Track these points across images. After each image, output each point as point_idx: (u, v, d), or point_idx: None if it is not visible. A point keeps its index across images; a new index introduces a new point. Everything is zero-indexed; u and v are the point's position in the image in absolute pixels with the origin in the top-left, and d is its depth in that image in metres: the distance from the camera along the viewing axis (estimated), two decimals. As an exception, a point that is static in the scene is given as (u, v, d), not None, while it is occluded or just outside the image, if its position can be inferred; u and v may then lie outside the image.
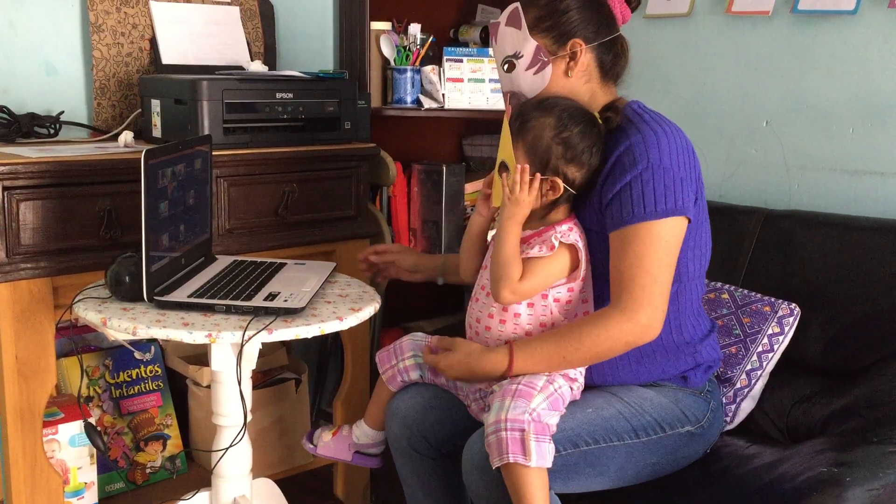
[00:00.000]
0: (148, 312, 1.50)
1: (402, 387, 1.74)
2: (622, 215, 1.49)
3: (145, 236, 1.48)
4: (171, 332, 1.42)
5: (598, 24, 1.59)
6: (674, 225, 1.49)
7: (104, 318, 1.48)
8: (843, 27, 2.07)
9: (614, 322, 1.48)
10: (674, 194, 1.48)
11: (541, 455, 1.40)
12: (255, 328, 1.43)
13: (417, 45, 2.55)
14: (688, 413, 1.60)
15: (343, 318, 1.53)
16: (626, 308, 1.47)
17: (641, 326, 1.47)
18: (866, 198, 2.07)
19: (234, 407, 1.59)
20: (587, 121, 1.53)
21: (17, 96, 2.09)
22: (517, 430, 1.41)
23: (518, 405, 1.44)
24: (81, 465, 1.93)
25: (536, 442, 1.40)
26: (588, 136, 1.52)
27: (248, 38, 2.36)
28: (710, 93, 2.35)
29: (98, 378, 2.09)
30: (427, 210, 2.61)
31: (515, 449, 1.40)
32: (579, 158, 1.52)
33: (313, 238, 2.11)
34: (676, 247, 1.51)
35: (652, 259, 1.47)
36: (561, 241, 1.51)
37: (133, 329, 1.44)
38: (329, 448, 1.79)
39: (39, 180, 1.69)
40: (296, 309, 1.50)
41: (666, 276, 1.49)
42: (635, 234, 1.48)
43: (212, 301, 1.51)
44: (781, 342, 1.87)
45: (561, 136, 1.51)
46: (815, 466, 1.53)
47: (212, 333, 1.42)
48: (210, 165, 1.78)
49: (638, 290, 1.47)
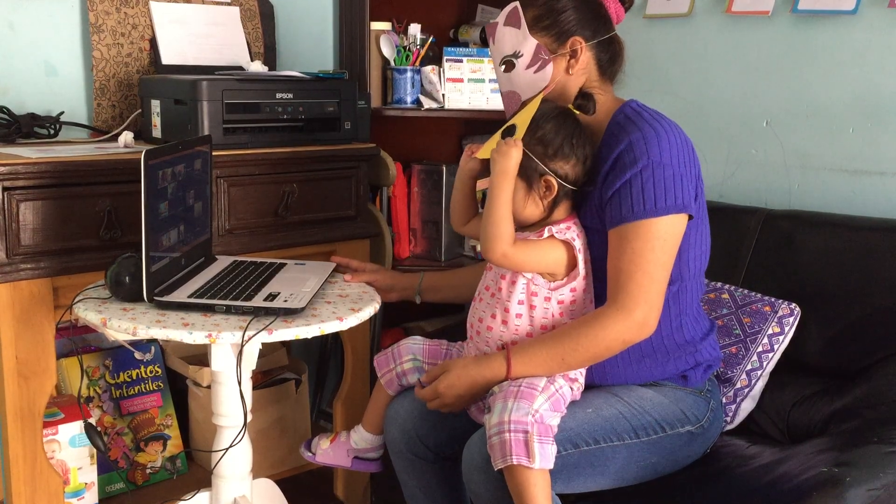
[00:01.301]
0: (148, 313, 1.50)
1: (400, 391, 1.73)
2: (621, 212, 1.49)
3: (145, 237, 1.48)
4: (171, 332, 1.42)
5: (595, 23, 1.60)
6: (674, 222, 1.49)
7: (104, 318, 1.48)
8: (843, 27, 2.07)
9: (611, 321, 1.47)
10: (674, 191, 1.48)
11: (544, 457, 1.40)
12: (255, 328, 1.43)
13: (417, 46, 2.55)
14: (688, 413, 1.60)
15: (343, 318, 1.53)
16: (623, 306, 1.47)
17: (637, 324, 1.47)
18: (866, 197, 2.07)
19: (234, 407, 1.59)
20: (558, 114, 1.53)
21: (17, 97, 2.09)
22: (521, 432, 1.40)
23: (521, 406, 1.43)
24: (82, 466, 1.93)
25: (540, 444, 1.40)
26: (563, 128, 1.52)
27: (247, 38, 2.36)
28: (710, 93, 2.35)
29: (98, 378, 2.09)
30: (427, 210, 2.61)
31: (519, 451, 1.39)
32: (562, 151, 1.51)
33: (313, 238, 2.10)
34: (675, 245, 1.51)
35: (650, 257, 1.47)
36: (553, 234, 1.51)
37: (133, 329, 1.44)
38: (328, 455, 1.79)
39: (39, 181, 1.69)
40: (296, 309, 1.50)
41: (663, 275, 1.49)
42: (634, 232, 1.48)
43: (212, 301, 1.51)
44: (781, 342, 1.87)
45: (535, 136, 1.51)
46: (815, 466, 1.53)
47: (212, 334, 1.42)
48: (210, 166, 1.78)
49: (634, 287, 1.46)
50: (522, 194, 1.53)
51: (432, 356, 1.70)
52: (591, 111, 1.54)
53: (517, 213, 1.53)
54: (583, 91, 1.57)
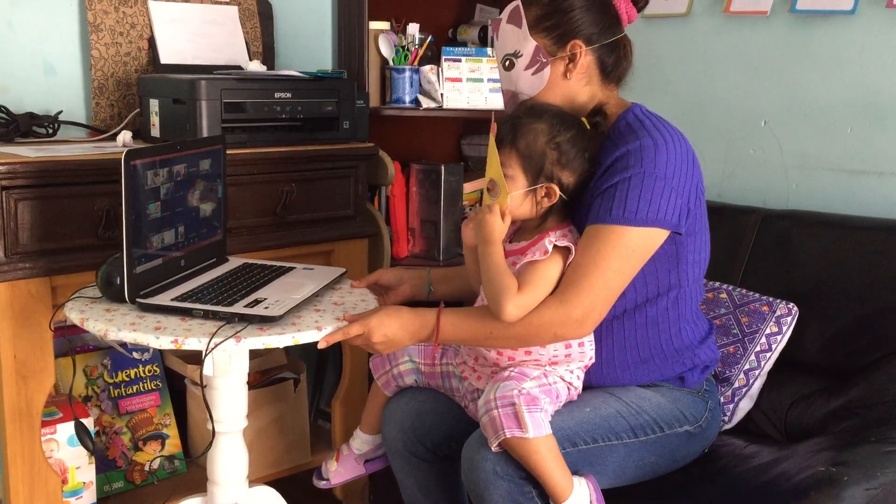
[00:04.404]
0: (128, 315, 1.48)
1: (397, 391, 1.73)
2: (599, 212, 1.47)
3: (126, 238, 1.46)
4: (139, 335, 1.39)
5: (602, 25, 1.56)
6: (648, 235, 1.46)
7: (83, 318, 1.47)
8: (841, 27, 2.08)
9: (549, 310, 1.44)
10: (658, 204, 1.45)
11: (536, 424, 1.40)
12: (224, 335, 1.40)
13: (416, 45, 2.55)
14: (686, 413, 1.60)
15: (323, 327, 1.46)
16: (566, 299, 1.44)
17: (574, 321, 1.44)
18: (864, 197, 2.07)
19: (227, 412, 1.58)
20: (577, 126, 1.51)
21: (16, 96, 2.08)
22: (508, 406, 1.41)
23: (507, 385, 1.44)
24: (80, 465, 1.93)
25: (529, 413, 1.40)
26: (580, 141, 1.50)
27: (246, 37, 2.36)
28: (708, 93, 2.35)
29: (96, 378, 2.09)
30: (425, 210, 2.61)
31: (510, 423, 1.39)
32: (572, 164, 1.49)
33: (312, 238, 2.10)
34: (643, 258, 1.48)
35: (611, 262, 1.44)
36: (555, 245, 1.49)
37: (105, 331, 1.42)
38: (341, 474, 1.79)
39: (38, 180, 1.69)
40: (272, 317, 1.45)
41: (618, 284, 1.46)
42: (606, 234, 1.45)
43: (191, 305, 1.48)
44: (779, 341, 1.87)
45: (555, 140, 1.48)
46: (812, 465, 1.54)
47: (178, 339, 1.38)
48: (223, 166, 1.75)
49: (586, 286, 1.44)
50: (521, 192, 1.50)
51: (428, 357, 1.70)
52: (602, 130, 1.52)
53: (510, 207, 1.50)
54: (599, 108, 1.54)
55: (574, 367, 1.55)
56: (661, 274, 1.54)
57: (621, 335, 1.56)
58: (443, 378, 1.70)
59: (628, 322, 1.55)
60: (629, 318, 1.55)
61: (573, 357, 1.54)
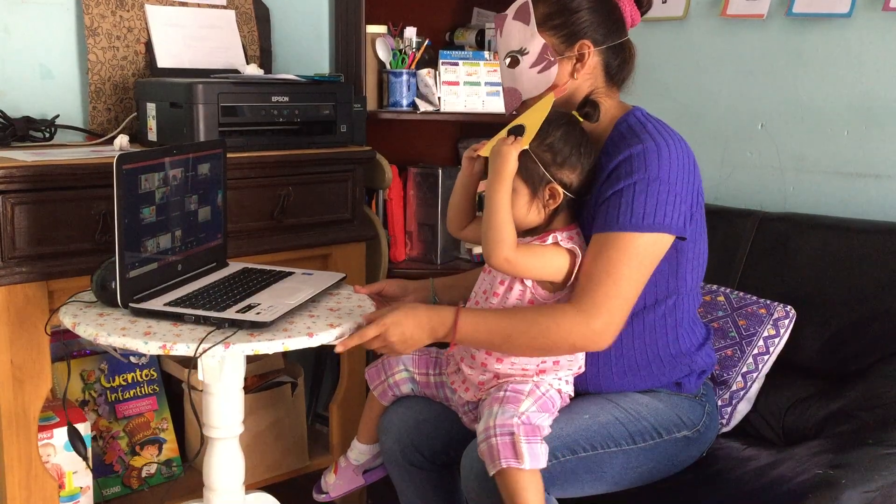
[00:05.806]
0: (120, 319, 1.47)
1: (393, 401, 1.73)
2: (607, 220, 1.46)
3: (119, 242, 1.45)
4: (129, 340, 1.38)
5: (608, 27, 1.55)
6: (656, 241, 1.45)
7: (74, 322, 1.46)
8: (838, 30, 2.08)
9: (569, 319, 1.42)
10: (664, 209, 1.44)
11: (533, 456, 1.39)
12: (213, 340, 1.39)
13: (413, 49, 2.55)
14: (684, 418, 1.60)
15: (314, 333, 1.44)
16: (584, 310, 1.42)
17: (594, 333, 1.42)
18: (861, 200, 2.07)
19: (222, 418, 1.58)
20: (567, 122, 1.50)
21: (13, 100, 2.08)
22: (507, 435, 1.40)
23: (506, 410, 1.43)
24: (77, 470, 1.92)
25: (528, 444, 1.39)
26: (572, 137, 1.48)
27: (243, 41, 2.36)
28: (705, 96, 2.36)
29: (94, 382, 2.09)
30: (423, 213, 2.61)
31: (507, 453, 1.39)
32: (569, 161, 1.48)
33: (309, 241, 2.10)
34: (653, 264, 1.47)
35: (623, 270, 1.43)
36: (558, 242, 1.49)
37: (95, 336, 1.41)
38: (340, 486, 1.79)
39: (35, 184, 1.68)
40: (263, 323, 1.43)
41: (632, 291, 1.45)
42: (615, 242, 1.44)
43: (183, 310, 1.47)
44: (777, 344, 1.87)
45: (545, 143, 1.47)
46: (810, 469, 1.54)
47: (167, 345, 1.38)
48: (224, 170, 1.74)
49: (601, 295, 1.42)
50: (525, 200, 1.49)
51: (423, 366, 1.69)
52: (595, 120, 1.51)
53: (517, 218, 1.48)
54: (588, 98, 1.52)
55: (563, 374, 1.54)
56: (659, 281, 1.54)
57: (619, 342, 1.55)
58: (437, 388, 1.69)
59: (626, 329, 1.54)
60: (627, 325, 1.54)
61: (562, 365, 1.53)
